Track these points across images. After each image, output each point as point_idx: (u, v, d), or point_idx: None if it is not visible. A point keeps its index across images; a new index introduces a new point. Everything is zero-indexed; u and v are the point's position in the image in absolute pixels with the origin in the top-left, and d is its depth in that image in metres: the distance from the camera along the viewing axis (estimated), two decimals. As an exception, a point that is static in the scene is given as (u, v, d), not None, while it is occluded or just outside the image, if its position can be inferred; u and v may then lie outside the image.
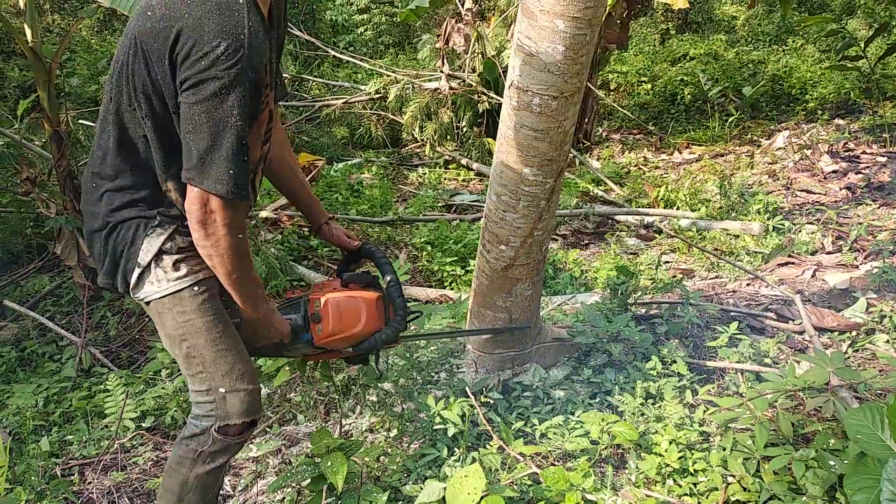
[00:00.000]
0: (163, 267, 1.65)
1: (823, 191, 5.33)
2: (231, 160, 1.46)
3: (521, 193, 2.40)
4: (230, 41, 1.41)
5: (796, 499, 1.86)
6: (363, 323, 1.86)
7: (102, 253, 1.70)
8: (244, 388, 1.72)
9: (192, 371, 1.72)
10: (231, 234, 1.54)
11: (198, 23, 1.41)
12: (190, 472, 1.76)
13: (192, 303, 1.66)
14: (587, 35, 2.14)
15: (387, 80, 7.33)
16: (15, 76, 8.11)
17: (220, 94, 1.42)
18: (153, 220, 1.65)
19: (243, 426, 1.75)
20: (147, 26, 1.48)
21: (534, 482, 2.03)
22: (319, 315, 1.83)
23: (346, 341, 1.88)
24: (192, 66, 1.42)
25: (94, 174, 1.70)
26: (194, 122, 1.45)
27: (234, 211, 1.53)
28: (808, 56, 9.29)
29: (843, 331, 2.96)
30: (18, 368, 3.32)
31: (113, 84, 1.59)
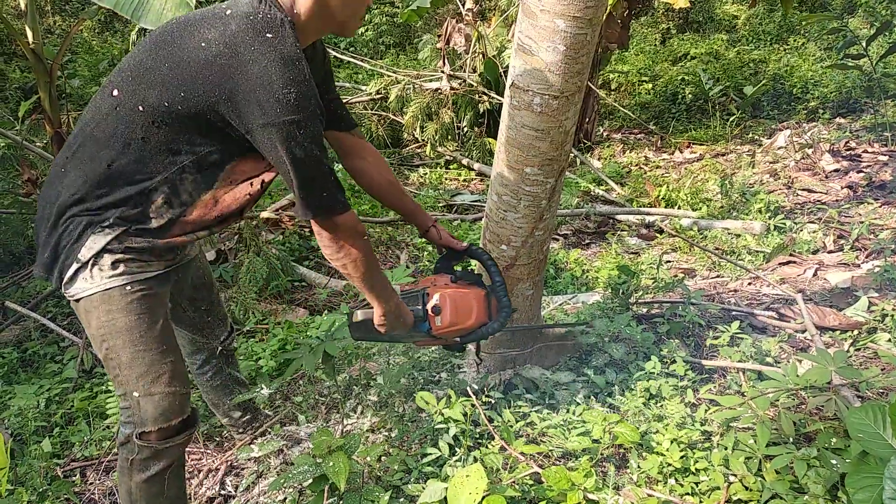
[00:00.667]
0: (100, 265, 1.65)
1: (825, 190, 5.33)
2: (323, 185, 1.61)
3: (522, 193, 2.40)
4: (298, 87, 1.52)
5: (798, 498, 1.86)
6: (474, 317, 2.05)
7: (45, 242, 1.70)
8: (159, 391, 1.70)
9: (112, 374, 1.72)
10: (357, 240, 1.70)
11: (265, 72, 1.50)
12: (130, 481, 1.77)
13: (121, 301, 1.67)
14: (588, 35, 2.14)
15: (388, 81, 7.33)
16: (16, 78, 8.13)
17: (299, 136, 1.53)
18: (105, 221, 1.65)
19: (163, 432, 1.72)
20: (200, 57, 1.54)
21: (535, 482, 2.02)
22: (440, 308, 1.99)
23: (459, 332, 2.06)
24: (267, 112, 1.51)
25: (67, 158, 1.70)
26: (283, 164, 1.56)
27: (349, 219, 1.67)
28: (810, 55, 9.29)
29: (844, 330, 2.96)
30: (20, 369, 3.32)
31: (131, 81, 1.62)
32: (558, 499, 1.88)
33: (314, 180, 1.60)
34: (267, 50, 1.51)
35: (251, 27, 1.53)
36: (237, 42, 1.52)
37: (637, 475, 2.10)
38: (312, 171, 1.58)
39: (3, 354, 3.37)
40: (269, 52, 1.51)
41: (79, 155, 1.68)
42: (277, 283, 3.97)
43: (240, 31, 1.53)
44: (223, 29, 1.54)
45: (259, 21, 1.54)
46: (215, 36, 1.54)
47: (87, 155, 1.66)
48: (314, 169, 1.58)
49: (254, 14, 1.55)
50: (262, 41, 1.52)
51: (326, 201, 1.62)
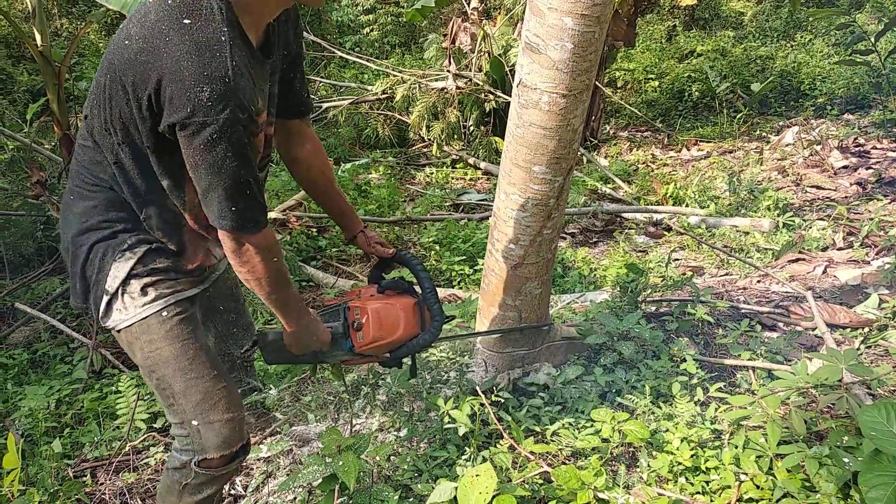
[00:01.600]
0: (130, 293, 1.61)
1: (833, 186, 5.30)
2: (232, 199, 1.44)
3: (530, 192, 2.39)
4: (214, 85, 1.34)
5: (810, 496, 1.85)
6: (402, 329, 1.89)
7: (72, 275, 1.66)
8: (218, 418, 1.65)
9: (166, 403, 1.67)
10: (264, 260, 1.54)
11: (177, 65, 1.35)
12: (179, 502, 1.74)
13: (160, 330, 1.62)
14: (595, 32, 2.13)
15: (393, 80, 7.34)
16: (24, 80, 8.17)
17: (211, 141, 1.37)
18: (122, 245, 1.61)
19: (224, 458, 1.69)
20: (125, 56, 1.42)
21: (545, 481, 2.02)
22: (360, 323, 1.85)
23: (385, 347, 1.90)
24: (176, 112, 1.37)
25: (72, 187, 1.67)
26: (194, 168, 1.43)
27: (261, 237, 1.52)
28: (817, 51, 9.24)
29: (855, 327, 2.94)
30: (30, 370, 3.34)
31: (91, 106, 1.55)
32: (568, 498, 1.88)
33: (223, 192, 1.43)
34: (181, 39, 1.35)
35: (167, 14, 1.38)
36: (153, 33, 1.37)
37: (647, 474, 2.09)
38: (222, 183, 1.42)
39: (14, 356, 3.39)
40: (184, 41, 1.35)
41: (78, 183, 1.64)
42: (285, 283, 3.98)
43: (158, 19, 1.38)
44: (143, 19, 1.41)
45: (178, 6, 1.38)
46: (136, 30, 1.41)
47: (86, 182, 1.62)
48: (225, 181, 1.42)
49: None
50: (178, 28, 1.36)
51: (234, 218, 1.46)
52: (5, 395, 3.05)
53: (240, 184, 1.44)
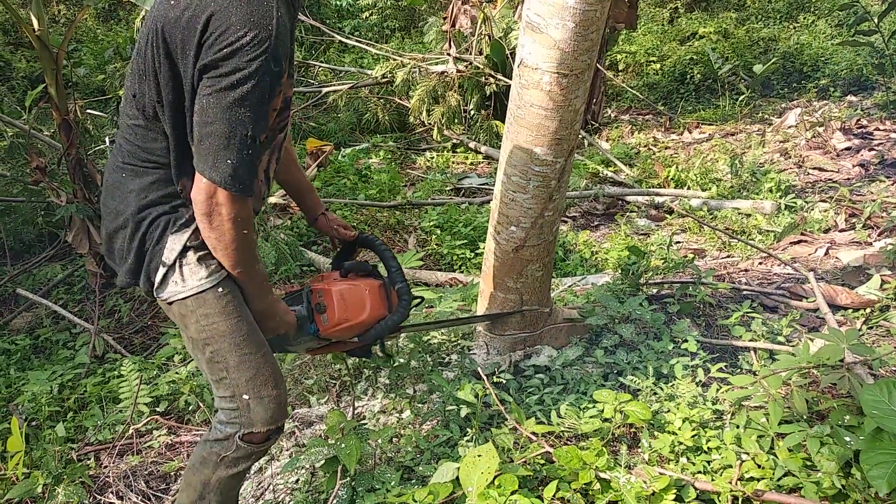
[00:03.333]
0: (188, 264, 1.60)
1: (836, 168, 5.27)
2: (236, 153, 1.43)
3: (532, 174, 2.38)
4: (258, 31, 1.37)
5: (811, 475, 1.86)
6: (368, 310, 1.84)
7: (126, 251, 1.65)
8: (268, 394, 1.68)
9: (216, 376, 1.68)
10: (236, 228, 1.52)
11: (226, 9, 1.37)
12: (212, 474, 1.75)
13: (217, 305, 1.62)
14: (598, 11, 2.11)
15: (393, 65, 7.28)
16: (22, 67, 8.13)
17: (236, 85, 1.38)
18: (180, 218, 1.61)
19: (268, 433, 1.72)
20: (171, 16, 1.42)
21: (547, 461, 2.03)
22: (324, 305, 1.81)
23: (352, 330, 1.86)
24: (214, 53, 1.38)
25: (119, 167, 1.65)
26: (204, 110, 1.41)
27: (240, 205, 1.50)
28: (820, 32, 9.15)
29: (857, 308, 2.94)
30: (33, 356, 3.35)
31: (136, 76, 1.55)
32: (570, 478, 1.89)
33: (223, 141, 1.42)
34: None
35: None
36: None
37: (649, 454, 2.10)
38: (226, 131, 1.41)
39: (16, 341, 3.40)
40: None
41: (132, 161, 1.63)
42: (286, 268, 3.98)
43: None
44: None
45: None
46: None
47: (142, 159, 1.61)
48: (229, 130, 1.41)
49: None
50: None
51: (224, 172, 1.44)
52: (9, 381, 3.06)
53: (245, 138, 1.43)
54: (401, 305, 1.89)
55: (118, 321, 3.67)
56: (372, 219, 5.00)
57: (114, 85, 6.91)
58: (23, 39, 8.33)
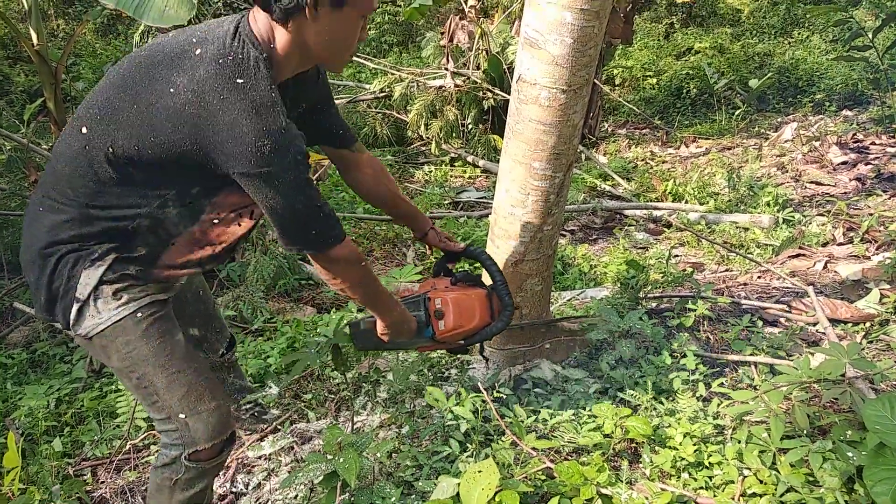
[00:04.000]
0: (103, 298, 1.60)
1: (833, 182, 5.30)
2: (310, 226, 1.56)
3: (530, 188, 2.38)
4: (273, 138, 1.44)
5: (814, 491, 1.84)
6: (478, 318, 2.03)
7: (37, 286, 1.64)
8: (205, 408, 1.67)
9: (148, 401, 1.66)
10: (353, 267, 1.68)
11: (235, 123, 1.42)
12: (170, 500, 1.74)
13: (136, 330, 1.61)
14: (595, 27, 2.13)
15: (391, 79, 7.32)
16: (21, 81, 8.15)
17: (279, 184, 1.48)
18: (92, 255, 1.59)
19: (215, 447, 1.70)
20: (169, 104, 1.44)
21: (548, 477, 2.01)
22: (442, 312, 1.99)
23: (462, 335, 2.04)
24: (242, 164, 1.44)
25: (39, 200, 1.64)
26: (271, 208, 1.52)
27: (344, 250, 1.63)
28: (815, 47, 9.24)
29: (856, 322, 2.94)
30: (29, 370, 3.33)
31: (99, 121, 1.53)
32: (571, 493, 1.87)
33: (299, 223, 1.55)
34: (237, 99, 1.42)
35: (220, 73, 1.43)
36: (205, 90, 1.42)
37: (650, 469, 2.08)
38: (296, 215, 1.54)
39: (13, 355, 3.38)
40: (240, 100, 1.42)
41: (53, 195, 1.61)
42: (285, 281, 3.97)
43: (208, 77, 1.43)
44: (192, 74, 1.44)
45: (229, 65, 1.44)
46: (184, 82, 1.44)
47: (63, 194, 1.59)
48: (298, 213, 1.54)
49: (223, 56, 1.45)
50: (232, 88, 1.42)
51: (315, 240, 1.59)
52: (5, 395, 3.03)
53: (312, 210, 1.55)
54: (504, 314, 2.08)
55: (115, 335, 3.65)
56: (370, 232, 5.00)
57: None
58: (22, 54, 8.36)
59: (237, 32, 1.49)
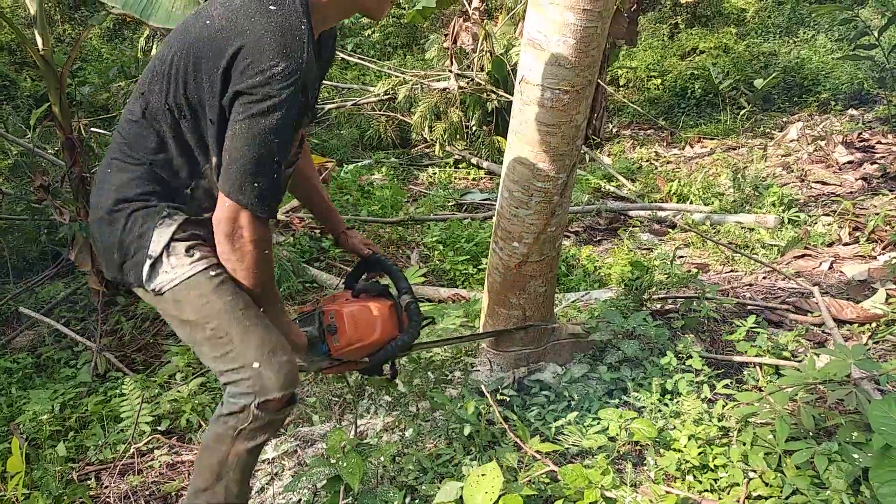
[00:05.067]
0: (175, 254, 1.64)
1: (839, 182, 5.27)
2: (263, 177, 1.51)
3: (534, 189, 2.38)
4: (289, 62, 1.44)
5: (820, 493, 1.83)
6: (378, 331, 1.87)
7: (108, 245, 1.69)
8: (279, 359, 1.67)
9: (221, 351, 1.67)
10: (257, 249, 1.60)
11: (259, 39, 1.45)
12: (230, 450, 1.72)
13: (209, 285, 1.65)
14: (598, 27, 2.12)
15: (395, 81, 7.33)
16: (27, 86, 8.19)
17: (267, 112, 1.46)
18: (161, 212, 1.64)
19: (283, 400, 1.70)
20: (204, 34, 1.51)
21: (552, 480, 2.00)
22: (335, 326, 1.84)
23: (363, 351, 1.88)
24: (246, 80, 1.45)
25: (107, 163, 1.71)
26: (236, 135, 1.49)
27: (262, 227, 1.57)
28: (820, 47, 9.20)
29: (862, 322, 2.92)
30: (35, 374, 3.34)
31: (153, 80, 1.61)
32: (575, 497, 1.86)
33: (251, 167, 1.49)
34: (266, 20, 1.46)
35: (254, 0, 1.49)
36: (238, 15, 1.48)
37: (654, 472, 2.07)
38: (254, 158, 1.49)
39: (18, 360, 3.39)
40: (269, 21, 1.46)
41: (119, 157, 1.68)
42: (289, 284, 3.97)
43: (243, 4, 1.49)
44: (228, 4, 1.51)
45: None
46: (219, 12, 1.51)
47: (128, 155, 1.67)
48: (257, 157, 1.49)
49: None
50: (264, 12, 1.47)
51: (250, 194, 1.51)
52: (10, 400, 3.04)
53: (271, 161, 1.51)
54: (411, 326, 1.91)
55: (120, 339, 3.66)
56: (375, 235, 5.00)
57: (118, 104, 6.96)
58: (28, 59, 8.40)
59: None
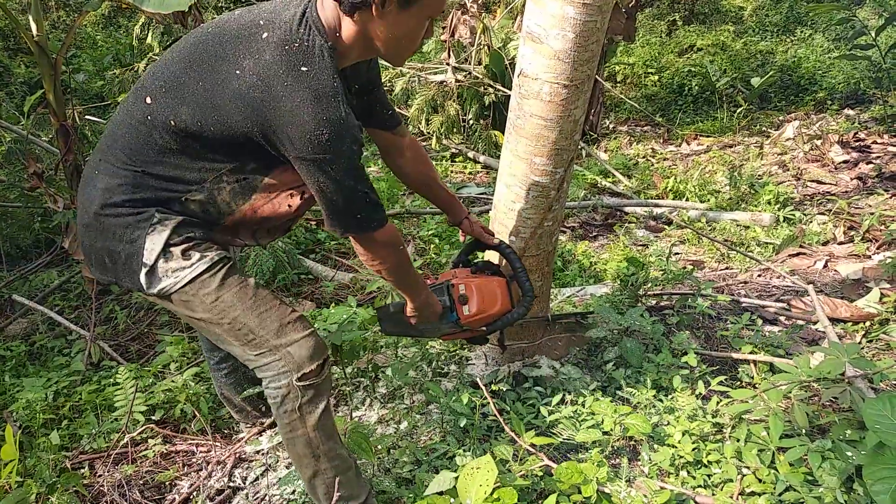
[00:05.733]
0: (173, 259, 1.65)
1: (834, 181, 5.29)
2: (354, 210, 1.62)
3: (531, 184, 2.37)
4: (332, 127, 1.49)
5: (813, 490, 1.84)
6: (500, 303, 2.11)
7: (97, 250, 1.69)
8: (301, 335, 1.73)
9: (245, 340, 1.71)
10: (392, 252, 1.76)
11: (297, 110, 1.47)
12: (305, 430, 1.77)
13: (213, 282, 1.67)
14: (598, 21, 2.11)
15: (392, 73, 7.30)
16: (21, 73, 8.12)
17: (333, 170, 1.53)
18: (151, 219, 1.64)
19: (318, 367, 1.75)
20: (234, 86, 1.50)
21: (546, 473, 2.01)
22: (466, 297, 2.06)
23: (484, 321, 2.11)
24: (297, 149, 1.51)
25: (96, 163, 1.69)
26: (320, 190, 1.58)
27: (383, 233, 1.70)
28: (817, 46, 9.20)
29: (856, 321, 2.93)
30: (28, 362, 3.32)
31: (164, 92, 1.59)
32: (570, 491, 1.87)
33: (346, 206, 1.61)
34: (300, 87, 1.47)
35: (285, 59, 1.48)
36: (270, 75, 1.48)
37: (649, 467, 2.08)
38: (344, 199, 1.59)
39: (11, 348, 3.37)
40: (303, 88, 1.47)
41: (110, 159, 1.67)
42: (284, 276, 3.96)
43: (273, 62, 1.48)
44: (258, 58, 1.50)
45: (295, 52, 1.49)
46: (250, 65, 1.50)
47: (120, 159, 1.65)
48: (346, 198, 1.59)
49: (290, 42, 1.49)
50: (297, 76, 1.47)
51: (359, 223, 1.66)
52: (3, 387, 3.03)
53: (356, 194, 1.61)
54: (524, 301, 2.15)
55: (114, 328, 3.64)
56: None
57: (112, 91, 6.91)
58: (21, 45, 8.33)
59: (304, 18, 1.53)
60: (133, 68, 6.95)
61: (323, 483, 1.84)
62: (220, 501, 2.25)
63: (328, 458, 1.82)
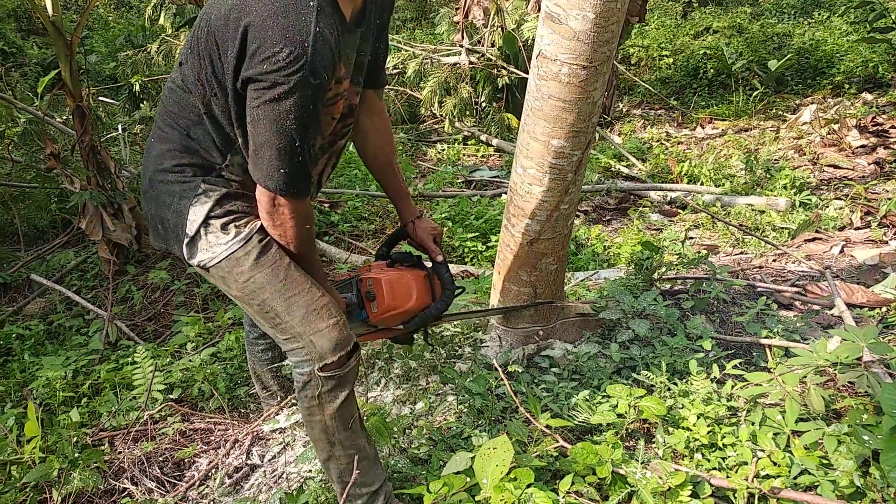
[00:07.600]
0: (212, 232, 1.67)
1: (851, 166, 5.23)
2: (283, 160, 1.51)
3: (548, 166, 2.37)
4: (292, 48, 1.40)
5: (828, 473, 1.84)
6: (414, 298, 1.93)
7: (152, 217, 1.75)
8: (325, 325, 1.70)
9: (272, 324, 1.73)
10: (297, 226, 1.64)
11: (264, 23, 1.41)
12: (323, 417, 1.78)
13: (248, 261, 1.68)
14: (618, 2, 2.09)
15: (405, 56, 7.26)
16: (35, 54, 8.15)
17: (279, 99, 1.44)
18: (196, 189, 1.67)
19: (341, 360, 1.73)
20: (220, 12, 1.49)
21: (561, 454, 2.02)
22: (373, 292, 1.89)
23: (399, 318, 1.95)
24: (254, 66, 1.43)
25: (155, 129, 1.74)
26: (254, 122, 1.49)
27: (300, 205, 1.60)
28: (835, 28, 9.06)
29: (872, 307, 2.92)
30: (46, 341, 3.37)
31: (190, 53, 1.61)
32: (585, 472, 1.88)
33: (276, 152, 1.50)
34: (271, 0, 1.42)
35: None
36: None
37: (663, 450, 2.09)
38: (276, 140, 1.48)
39: (30, 327, 3.42)
40: (274, 1, 1.42)
41: (161, 126, 1.71)
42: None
43: None
44: None
45: None
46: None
47: (168, 126, 1.69)
48: (280, 140, 1.48)
49: None
50: None
51: (280, 179, 1.53)
52: (23, 365, 3.08)
53: (294, 148, 1.50)
54: (444, 295, 1.97)
55: (131, 308, 3.69)
56: (383, 210, 4.99)
57: (125, 73, 6.92)
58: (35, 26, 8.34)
59: None
60: (145, 49, 6.95)
61: (336, 468, 1.85)
62: (238, 478, 2.29)
63: (343, 447, 1.82)
